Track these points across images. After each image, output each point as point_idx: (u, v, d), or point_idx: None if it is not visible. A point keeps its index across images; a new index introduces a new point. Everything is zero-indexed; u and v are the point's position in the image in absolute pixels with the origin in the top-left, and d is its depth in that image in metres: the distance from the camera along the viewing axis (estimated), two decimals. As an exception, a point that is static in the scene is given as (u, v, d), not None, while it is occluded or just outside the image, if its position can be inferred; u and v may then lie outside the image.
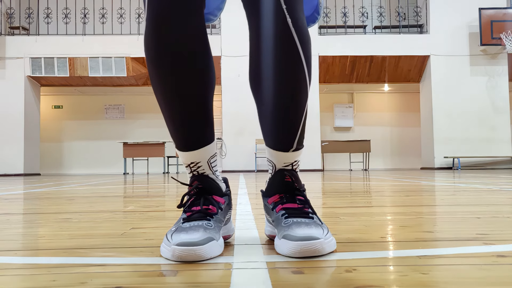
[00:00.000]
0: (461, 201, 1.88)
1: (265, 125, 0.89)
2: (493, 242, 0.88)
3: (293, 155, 0.88)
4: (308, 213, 0.84)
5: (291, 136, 0.86)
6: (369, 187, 3.15)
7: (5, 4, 11.21)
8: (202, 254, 0.73)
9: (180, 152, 0.88)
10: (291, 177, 0.87)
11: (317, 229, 0.77)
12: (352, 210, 1.57)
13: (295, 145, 0.87)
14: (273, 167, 0.89)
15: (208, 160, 0.89)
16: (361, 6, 11.68)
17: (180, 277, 0.64)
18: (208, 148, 0.88)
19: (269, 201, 0.90)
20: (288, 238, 0.76)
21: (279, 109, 0.84)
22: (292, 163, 0.89)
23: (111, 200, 2.20)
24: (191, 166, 0.89)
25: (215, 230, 0.80)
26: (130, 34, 10.89)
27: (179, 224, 0.82)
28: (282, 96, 0.83)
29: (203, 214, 0.83)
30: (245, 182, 4.40)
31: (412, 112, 13.27)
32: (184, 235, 0.76)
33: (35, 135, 11.19)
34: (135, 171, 11.82)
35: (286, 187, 0.88)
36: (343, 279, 0.62)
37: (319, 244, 0.74)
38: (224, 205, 0.89)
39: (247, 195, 2.42)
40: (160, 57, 0.79)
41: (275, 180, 0.89)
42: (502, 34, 10.18)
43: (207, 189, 0.88)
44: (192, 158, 0.87)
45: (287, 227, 0.80)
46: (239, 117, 10.40)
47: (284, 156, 0.87)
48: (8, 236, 1.09)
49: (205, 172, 0.89)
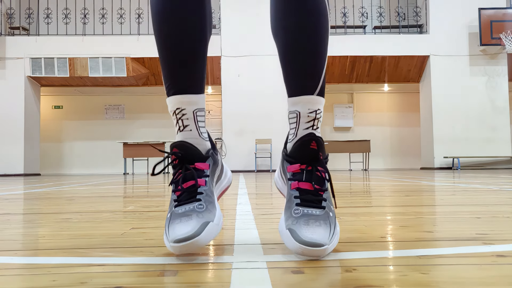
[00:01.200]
0: (461, 201, 1.89)
1: (289, 69, 0.89)
2: (493, 242, 0.88)
3: (318, 100, 0.88)
4: (321, 200, 0.83)
5: (316, 75, 0.87)
6: (369, 187, 3.15)
7: (5, 4, 11.21)
8: (200, 243, 0.74)
9: (168, 99, 0.89)
10: (317, 144, 0.86)
11: (324, 230, 0.77)
12: (352, 210, 1.57)
13: (320, 86, 0.88)
14: (297, 116, 0.88)
15: (194, 111, 0.88)
16: (361, 6, 11.69)
17: (180, 277, 0.64)
18: (194, 97, 0.88)
19: (289, 169, 0.89)
20: (293, 235, 0.76)
21: (305, 45, 0.86)
22: (316, 110, 0.88)
23: (111, 200, 2.20)
24: (176, 113, 0.89)
25: (208, 209, 0.81)
26: (130, 34, 10.90)
27: (172, 209, 0.83)
28: (309, 30, 0.85)
29: (191, 194, 0.83)
30: (245, 182, 4.40)
31: (412, 112, 13.28)
32: (178, 227, 0.77)
33: (35, 135, 11.18)
34: (135, 171, 11.82)
35: (309, 155, 0.86)
36: (343, 279, 0.62)
37: (322, 251, 0.74)
38: (209, 170, 0.89)
39: (247, 195, 2.42)
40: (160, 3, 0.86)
41: (300, 145, 0.86)
42: (502, 34, 10.19)
43: (187, 157, 0.87)
44: (178, 103, 0.88)
45: (295, 220, 0.79)
46: (239, 117, 10.40)
47: (309, 100, 0.87)
48: (8, 236, 1.09)
49: (189, 125, 0.88)
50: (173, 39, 0.87)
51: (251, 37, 10.46)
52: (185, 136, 0.89)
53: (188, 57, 0.88)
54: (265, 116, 10.28)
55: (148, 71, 11.06)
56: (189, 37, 0.87)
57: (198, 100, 0.89)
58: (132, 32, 11.19)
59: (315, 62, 0.87)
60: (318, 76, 0.87)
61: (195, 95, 0.89)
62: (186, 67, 0.88)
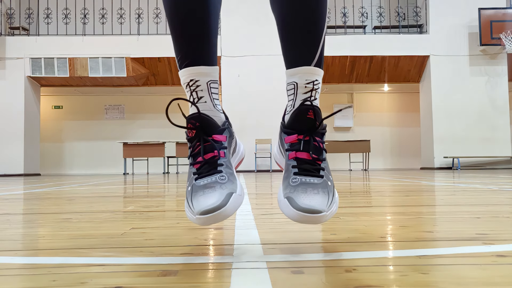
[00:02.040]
0: (461, 201, 1.89)
1: (287, 41, 0.89)
2: (493, 242, 0.88)
3: (316, 71, 0.87)
4: (319, 169, 0.83)
5: (314, 46, 0.86)
6: (369, 187, 3.15)
7: (5, 4, 11.21)
8: (227, 214, 0.74)
9: (181, 72, 0.89)
10: (314, 114, 0.85)
11: (322, 198, 0.77)
12: (352, 210, 1.57)
13: (317, 57, 0.87)
14: (294, 87, 0.88)
15: (207, 82, 0.88)
16: (361, 6, 11.69)
17: (180, 277, 0.64)
18: (207, 69, 0.88)
19: (286, 140, 0.88)
20: (291, 203, 0.76)
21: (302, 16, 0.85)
22: (314, 81, 0.87)
23: (111, 200, 2.20)
24: (190, 85, 0.88)
25: (230, 180, 0.81)
26: (130, 35, 10.90)
27: (193, 182, 0.82)
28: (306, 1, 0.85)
29: (212, 166, 0.83)
30: (245, 182, 4.40)
31: (412, 112, 13.28)
32: (203, 199, 0.76)
33: (35, 135, 11.18)
34: (135, 171, 11.82)
35: (307, 125, 0.86)
36: (343, 279, 0.62)
37: (320, 218, 0.74)
38: (226, 142, 0.88)
39: (247, 195, 2.42)
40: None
41: (297, 114, 0.86)
42: (502, 34, 10.19)
43: (204, 129, 0.86)
44: (191, 75, 0.88)
45: (293, 188, 0.79)
46: (239, 117, 10.40)
47: (307, 71, 0.86)
48: (8, 236, 1.09)
49: (204, 97, 0.88)
50: (184, 9, 0.86)
51: (251, 37, 10.46)
52: (201, 107, 0.88)
53: (200, 28, 0.87)
54: (265, 116, 10.29)
55: (148, 71, 11.06)
56: (201, 7, 0.86)
57: (212, 71, 0.89)
58: (132, 32, 11.19)
59: (312, 33, 0.86)
60: (316, 47, 0.87)
61: (209, 66, 0.88)
62: (199, 38, 0.87)
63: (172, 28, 0.89)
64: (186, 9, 0.86)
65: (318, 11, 0.86)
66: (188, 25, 0.87)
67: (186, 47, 0.88)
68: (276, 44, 1.11)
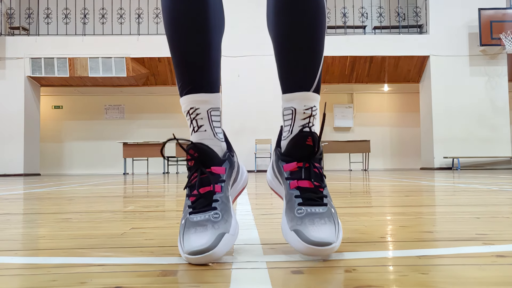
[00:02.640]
0: (461, 201, 1.89)
1: (284, 65, 0.88)
2: (493, 242, 0.88)
3: (314, 97, 0.86)
4: (323, 197, 0.82)
5: (312, 71, 0.85)
6: (368, 187, 3.15)
7: (5, 4, 11.21)
8: (216, 256, 0.72)
9: (181, 99, 0.88)
10: (313, 140, 0.84)
11: (330, 228, 0.76)
12: (352, 210, 1.57)
13: (316, 82, 0.86)
14: (292, 113, 0.87)
15: (208, 110, 0.86)
16: (361, 6, 11.69)
17: (180, 277, 0.64)
18: (208, 96, 0.86)
19: (285, 168, 0.87)
20: (300, 236, 0.74)
21: (300, 40, 0.84)
22: (312, 107, 0.86)
23: (111, 200, 2.20)
24: (190, 113, 0.87)
25: (224, 219, 0.79)
26: (130, 35, 10.89)
27: (187, 215, 0.81)
28: (303, 26, 0.84)
29: (207, 202, 0.81)
30: (245, 182, 4.39)
31: (412, 112, 13.28)
32: (194, 238, 0.75)
33: (35, 135, 11.18)
34: (135, 171, 11.82)
35: (306, 152, 0.85)
36: (343, 279, 0.62)
37: (330, 250, 0.73)
38: (225, 174, 0.87)
39: (247, 195, 2.42)
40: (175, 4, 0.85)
41: (296, 141, 0.85)
42: (502, 34, 10.19)
43: (203, 160, 0.84)
44: (191, 103, 0.86)
45: (300, 220, 0.78)
46: (239, 117, 10.41)
47: (305, 97, 0.86)
48: (8, 236, 1.09)
49: (204, 125, 0.86)
50: (185, 38, 0.85)
51: (251, 37, 10.47)
52: (200, 137, 0.86)
53: (200, 57, 0.86)
54: (265, 116, 10.28)
55: (148, 71, 11.06)
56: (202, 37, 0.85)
57: (212, 99, 0.87)
58: (132, 32, 11.19)
59: (311, 58, 0.85)
60: (315, 73, 0.86)
61: (209, 93, 0.86)
62: (199, 67, 0.86)
63: (172, 55, 0.88)
64: (187, 38, 0.85)
65: (319, 38, 0.85)
66: (188, 54, 0.85)
67: (186, 74, 0.86)
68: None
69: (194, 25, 0.85)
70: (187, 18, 0.85)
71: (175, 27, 0.85)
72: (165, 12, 0.87)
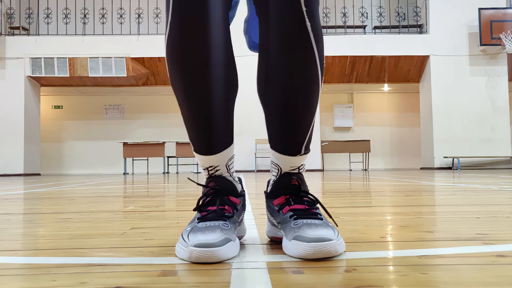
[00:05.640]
0: (461, 201, 1.89)
1: (272, 129, 0.87)
2: (493, 242, 0.88)
3: (300, 159, 0.87)
4: (317, 214, 0.82)
5: (300, 140, 0.85)
6: (369, 187, 3.15)
7: (5, 4, 11.21)
8: (220, 255, 0.72)
9: (199, 156, 0.88)
10: (298, 180, 0.86)
11: (328, 230, 0.76)
12: (352, 210, 1.57)
13: (303, 150, 0.86)
14: (278, 170, 0.88)
15: (226, 163, 0.88)
16: (361, 6, 11.69)
17: (180, 277, 0.64)
18: (227, 151, 0.87)
19: (275, 203, 0.88)
20: (300, 239, 0.74)
21: (290, 112, 0.83)
22: (299, 166, 0.88)
23: (111, 200, 2.20)
24: (209, 169, 0.88)
25: (232, 231, 0.79)
26: (130, 34, 10.89)
27: (194, 224, 0.80)
28: (295, 98, 0.82)
29: (219, 215, 0.82)
30: (245, 182, 4.40)
31: (412, 112, 13.28)
32: (201, 235, 0.74)
33: (35, 135, 11.18)
34: (135, 171, 11.82)
35: (292, 190, 0.86)
36: (343, 279, 0.62)
37: (332, 245, 0.73)
38: (239, 206, 0.88)
39: (247, 195, 2.42)
40: (185, 60, 0.78)
41: (281, 183, 0.87)
42: (502, 34, 10.19)
43: (223, 190, 0.86)
44: (211, 162, 0.87)
45: (297, 228, 0.78)
46: (239, 117, 10.40)
47: (291, 160, 0.86)
48: (8, 236, 1.09)
49: (223, 174, 0.88)
50: (198, 100, 0.81)
51: (251, 37, 10.45)
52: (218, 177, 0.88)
53: (214, 123, 0.83)
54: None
55: (148, 71, 11.06)
56: (215, 96, 0.82)
57: (228, 153, 0.88)
58: (132, 32, 11.18)
59: (300, 130, 0.84)
60: (301, 141, 0.85)
61: (225, 150, 0.87)
62: (214, 132, 0.84)
63: (184, 119, 0.86)
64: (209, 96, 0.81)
65: (311, 104, 0.83)
66: (208, 115, 0.82)
67: (206, 138, 0.85)
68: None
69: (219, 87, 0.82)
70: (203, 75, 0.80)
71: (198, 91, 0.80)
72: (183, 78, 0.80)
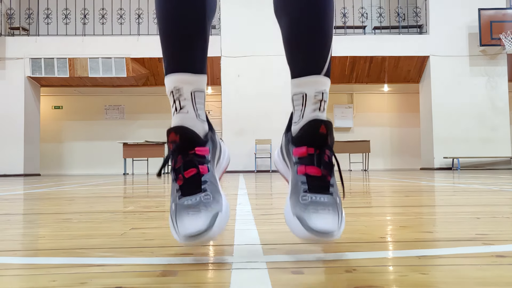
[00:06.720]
0: (461, 201, 1.88)
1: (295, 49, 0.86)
2: (493, 242, 0.88)
3: (325, 81, 0.85)
4: (329, 186, 0.81)
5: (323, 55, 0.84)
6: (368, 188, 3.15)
7: (5, 4, 11.21)
8: (212, 236, 0.73)
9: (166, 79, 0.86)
10: (327, 129, 0.82)
11: (333, 217, 0.76)
12: (352, 210, 1.57)
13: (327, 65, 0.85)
14: (303, 98, 0.85)
15: (191, 91, 0.85)
16: (361, 6, 11.69)
17: (180, 277, 0.64)
18: (192, 77, 0.85)
19: (295, 152, 0.85)
20: (303, 223, 0.74)
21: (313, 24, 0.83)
22: (323, 91, 0.85)
23: (111, 201, 2.20)
24: (174, 93, 0.85)
25: (215, 199, 0.78)
26: (130, 35, 10.89)
27: (176, 200, 0.80)
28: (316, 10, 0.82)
29: (196, 186, 0.80)
30: (245, 182, 4.40)
31: (412, 113, 13.27)
32: (188, 221, 0.74)
33: (35, 136, 11.18)
34: (135, 171, 11.82)
35: (318, 139, 0.83)
36: (343, 279, 0.62)
37: (331, 237, 0.73)
38: (209, 154, 0.85)
39: (247, 195, 2.42)
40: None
41: (308, 128, 0.83)
42: (502, 34, 10.19)
43: (186, 141, 0.82)
44: (174, 82, 0.85)
45: (303, 207, 0.77)
46: (239, 117, 10.40)
47: (317, 81, 0.84)
48: (8, 236, 1.09)
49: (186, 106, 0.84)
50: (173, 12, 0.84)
51: (251, 37, 10.46)
52: (182, 118, 0.84)
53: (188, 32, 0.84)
54: (265, 117, 10.28)
55: (148, 71, 11.06)
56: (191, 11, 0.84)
57: (197, 80, 0.85)
58: (132, 32, 11.18)
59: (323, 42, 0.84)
60: (325, 56, 0.84)
61: (194, 74, 0.85)
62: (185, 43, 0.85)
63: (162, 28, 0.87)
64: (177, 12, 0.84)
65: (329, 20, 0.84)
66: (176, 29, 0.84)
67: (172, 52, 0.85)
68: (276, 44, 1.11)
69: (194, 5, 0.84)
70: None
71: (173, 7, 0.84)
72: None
